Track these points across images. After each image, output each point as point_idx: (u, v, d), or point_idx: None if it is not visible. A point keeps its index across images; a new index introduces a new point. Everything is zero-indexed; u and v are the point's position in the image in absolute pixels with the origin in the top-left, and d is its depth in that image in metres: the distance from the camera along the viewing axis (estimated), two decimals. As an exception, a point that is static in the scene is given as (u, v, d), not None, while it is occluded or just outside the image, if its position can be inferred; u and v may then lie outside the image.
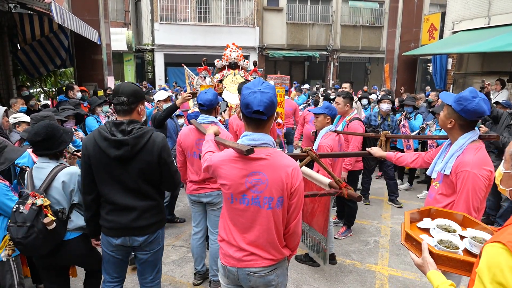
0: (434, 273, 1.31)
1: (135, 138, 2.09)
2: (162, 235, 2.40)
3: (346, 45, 19.56)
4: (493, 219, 4.74)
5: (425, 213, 1.75)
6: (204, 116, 3.06)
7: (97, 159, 2.12)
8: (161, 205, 2.35)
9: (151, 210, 2.25)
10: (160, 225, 2.34)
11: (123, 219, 2.21)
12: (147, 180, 2.20)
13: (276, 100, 1.73)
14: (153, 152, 2.15)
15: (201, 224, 3.31)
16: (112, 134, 2.10)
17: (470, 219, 1.66)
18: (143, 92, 2.30)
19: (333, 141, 3.51)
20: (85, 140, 2.22)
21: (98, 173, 2.16)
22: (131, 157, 2.11)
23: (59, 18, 4.71)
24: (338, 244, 4.22)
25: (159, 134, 2.24)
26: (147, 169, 2.16)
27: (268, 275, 1.79)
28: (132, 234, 2.24)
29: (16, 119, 3.83)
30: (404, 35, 11.37)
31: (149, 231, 2.27)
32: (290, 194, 1.72)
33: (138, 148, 2.10)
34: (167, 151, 2.22)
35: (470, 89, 2.04)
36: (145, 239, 2.26)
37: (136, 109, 2.20)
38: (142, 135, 2.12)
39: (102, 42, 8.48)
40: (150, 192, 2.24)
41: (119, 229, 2.23)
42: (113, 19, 16.05)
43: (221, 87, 4.90)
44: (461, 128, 2.07)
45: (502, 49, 7.09)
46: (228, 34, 16.69)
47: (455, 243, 1.47)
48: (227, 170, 1.76)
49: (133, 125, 2.14)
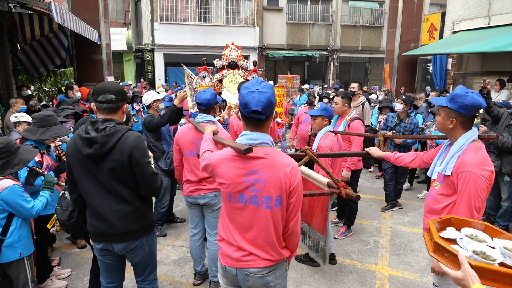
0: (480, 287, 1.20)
1: (105, 136, 2.02)
2: (149, 242, 2.27)
3: (346, 45, 19.56)
4: (493, 219, 4.73)
5: (446, 222, 1.63)
6: (202, 115, 3.06)
7: (74, 157, 2.10)
8: (142, 211, 2.19)
9: (129, 216, 2.13)
10: (142, 232, 2.22)
11: (100, 224, 2.14)
12: (122, 182, 2.09)
13: (275, 99, 1.73)
14: (124, 151, 2.04)
15: (199, 225, 3.30)
16: (86, 132, 2.07)
17: (492, 228, 1.55)
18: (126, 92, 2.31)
19: (332, 141, 3.51)
20: (69, 139, 2.24)
21: (76, 173, 2.13)
22: (102, 156, 2.03)
23: (59, 18, 4.71)
24: (338, 244, 4.22)
25: (134, 133, 2.12)
26: (119, 169, 2.05)
27: (266, 276, 1.78)
28: (111, 240, 2.17)
29: (17, 118, 3.84)
30: (404, 35, 11.35)
31: (128, 238, 2.16)
32: (289, 193, 1.72)
33: (108, 147, 2.02)
34: (140, 151, 2.08)
35: (460, 87, 2.07)
36: (124, 246, 2.17)
37: (122, 108, 2.19)
38: (114, 133, 2.04)
39: (102, 42, 8.47)
40: (127, 196, 2.12)
41: (99, 234, 2.18)
42: (113, 19, 16.04)
43: (220, 87, 4.89)
44: (463, 126, 2.07)
45: (502, 49, 7.10)
46: (228, 34, 16.69)
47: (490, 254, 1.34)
48: (225, 169, 1.76)
49: (108, 123, 2.08)
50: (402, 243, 4.32)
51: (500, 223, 4.52)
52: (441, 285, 2.19)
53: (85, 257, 3.90)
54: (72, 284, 3.43)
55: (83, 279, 3.48)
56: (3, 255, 2.48)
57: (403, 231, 4.66)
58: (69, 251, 4.02)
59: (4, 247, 2.48)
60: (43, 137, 3.10)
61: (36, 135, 3.08)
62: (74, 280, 3.50)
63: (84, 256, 3.91)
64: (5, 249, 2.48)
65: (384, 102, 6.83)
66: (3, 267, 2.51)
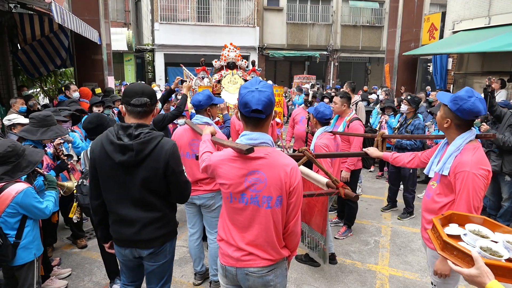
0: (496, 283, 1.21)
1: (141, 143, 1.94)
2: (171, 247, 2.23)
3: (346, 45, 19.55)
4: (493, 219, 4.73)
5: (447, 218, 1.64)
6: (198, 117, 3.08)
7: (102, 163, 2.01)
8: (168, 216, 2.15)
9: (155, 222, 2.08)
10: (167, 238, 2.17)
11: (126, 231, 2.08)
12: (153, 190, 2.03)
13: (274, 98, 1.73)
14: (160, 160, 1.97)
15: (197, 225, 3.31)
16: (118, 138, 1.97)
17: (491, 222, 1.57)
18: None
19: (329, 140, 3.51)
20: (92, 143, 2.14)
21: (103, 179, 2.05)
22: (136, 164, 1.96)
23: (59, 18, 4.71)
24: (338, 244, 4.22)
25: (169, 140, 2.05)
26: (153, 177, 1.99)
27: (266, 275, 1.79)
28: (137, 247, 2.12)
29: (11, 121, 3.77)
30: (404, 35, 11.35)
31: (154, 244, 2.11)
32: (289, 193, 1.72)
33: (144, 154, 1.94)
34: (176, 159, 2.04)
35: (466, 89, 2.04)
36: (150, 252, 2.13)
37: (153, 111, 2.10)
38: (150, 140, 1.96)
39: (102, 42, 8.48)
40: (155, 203, 2.06)
41: (124, 240, 2.12)
42: (113, 19, 16.05)
43: (219, 87, 4.89)
44: (458, 128, 2.07)
45: (502, 49, 7.09)
46: (228, 34, 16.69)
47: (496, 250, 1.35)
48: (226, 170, 1.76)
49: (142, 129, 1.98)
50: (403, 243, 4.32)
51: (500, 223, 4.51)
52: (439, 285, 2.19)
53: (85, 257, 3.90)
54: (72, 284, 3.43)
55: (83, 279, 3.48)
56: (18, 257, 2.46)
57: (403, 231, 4.66)
58: (69, 251, 4.02)
59: (19, 249, 2.46)
60: (44, 137, 3.09)
61: (36, 135, 3.07)
62: (74, 280, 3.50)
63: (84, 256, 3.91)
64: (20, 251, 2.46)
65: (386, 103, 6.82)
66: (13, 269, 2.49)
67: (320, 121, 3.62)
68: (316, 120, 3.66)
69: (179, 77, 4.33)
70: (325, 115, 3.58)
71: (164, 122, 4.00)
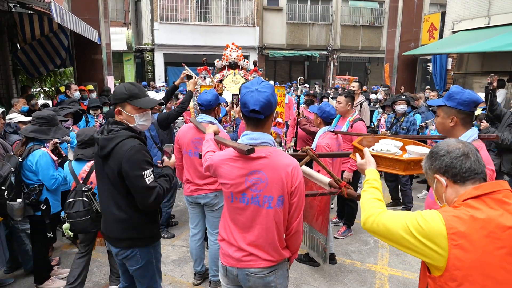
0: (371, 170, 1.65)
1: (104, 139, 1.99)
2: (144, 255, 2.13)
3: (346, 45, 19.55)
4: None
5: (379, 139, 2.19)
6: (202, 115, 3.09)
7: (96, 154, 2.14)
8: (135, 220, 2.06)
9: (120, 223, 2.05)
10: (134, 244, 2.09)
11: (103, 224, 2.18)
12: (118, 189, 2.01)
13: (275, 99, 1.72)
14: (116, 160, 1.95)
15: (199, 225, 3.31)
16: (101, 131, 2.09)
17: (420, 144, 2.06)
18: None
19: (331, 140, 3.52)
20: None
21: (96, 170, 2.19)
22: (104, 159, 2.00)
23: (59, 18, 4.70)
24: (338, 244, 4.22)
25: (131, 143, 1.97)
26: (113, 177, 1.98)
27: (267, 276, 1.78)
28: (106, 240, 2.21)
29: (12, 120, 3.77)
30: (404, 35, 11.36)
31: (119, 245, 2.10)
32: (291, 193, 1.72)
33: (106, 151, 1.97)
34: (132, 163, 1.93)
35: (455, 86, 2.12)
36: (118, 251, 2.12)
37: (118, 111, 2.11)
38: (112, 138, 1.97)
39: (102, 41, 8.47)
40: (120, 204, 2.03)
41: (103, 233, 2.21)
42: (113, 19, 16.03)
43: (221, 87, 4.89)
44: (463, 123, 2.07)
45: (502, 49, 7.10)
46: (228, 34, 16.68)
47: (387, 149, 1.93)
48: (227, 169, 1.76)
49: (115, 126, 2.03)
50: (402, 243, 4.31)
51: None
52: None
53: (85, 257, 3.90)
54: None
55: (84, 279, 3.47)
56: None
57: (403, 231, 4.65)
58: (69, 251, 4.02)
59: None
60: (57, 136, 3.18)
61: (49, 135, 3.14)
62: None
63: (84, 256, 3.91)
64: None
65: (387, 102, 6.80)
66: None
67: (325, 121, 3.64)
68: (320, 120, 3.66)
69: (185, 72, 4.32)
70: (330, 114, 3.63)
71: (168, 120, 4.00)
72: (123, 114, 2.05)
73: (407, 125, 5.09)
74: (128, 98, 2.03)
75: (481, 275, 1.15)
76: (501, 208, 1.18)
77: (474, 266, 1.15)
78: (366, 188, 1.53)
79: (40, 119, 3.14)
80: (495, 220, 1.16)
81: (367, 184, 1.55)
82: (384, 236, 1.30)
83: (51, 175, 3.07)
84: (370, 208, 1.38)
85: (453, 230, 1.16)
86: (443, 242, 1.16)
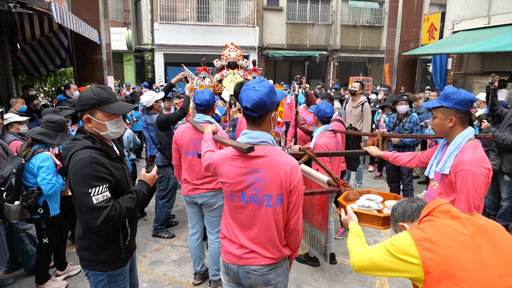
0: (354, 224, 1.86)
1: (64, 148, 1.83)
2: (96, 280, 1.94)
3: (346, 45, 19.55)
4: (493, 219, 4.73)
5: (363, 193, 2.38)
6: (200, 115, 3.08)
7: None
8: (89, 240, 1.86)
9: (79, 240, 1.91)
10: (87, 264, 1.92)
11: None
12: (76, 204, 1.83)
13: (271, 98, 1.70)
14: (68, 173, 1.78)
15: (198, 225, 3.31)
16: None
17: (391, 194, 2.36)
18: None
19: (329, 139, 3.53)
20: None
21: None
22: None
23: (59, 18, 4.70)
24: (338, 244, 4.22)
25: (80, 154, 1.74)
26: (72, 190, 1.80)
27: (267, 273, 1.79)
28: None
29: (7, 120, 3.75)
30: (404, 35, 11.36)
31: (80, 262, 1.97)
32: (289, 192, 1.72)
33: (67, 161, 1.80)
34: (77, 178, 1.71)
35: (449, 87, 2.14)
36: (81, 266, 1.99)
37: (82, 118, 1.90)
38: (69, 148, 1.79)
39: (102, 41, 8.47)
40: (81, 219, 1.87)
41: None
42: (113, 19, 16.05)
43: (220, 87, 4.89)
44: (461, 122, 2.09)
45: (502, 49, 7.09)
46: (228, 34, 16.68)
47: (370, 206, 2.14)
48: (227, 168, 1.77)
49: (79, 134, 1.85)
50: (402, 242, 4.31)
51: (499, 223, 4.51)
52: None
53: (85, 256, 3.90)
54: (72, 284, 3.43)
55: (83, 279, 3.47)
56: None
57: (403, 230, 4.65)
58: (69, 251, 4.01)
59: None
60: (64, 141, 3.12)
61: (56, 140, 3.13)
62: (74, 280, 3.50)
63: (84, 256, 3.91)
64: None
65: (386, 102, 6.80)
66: None
67: (321, 119, 3.64)
68: (317, 118, 3.68)
69: (183, 73, 4.41)
70: (326, 113, 3.61)
71: (168, 123, 4.01)
72: (93, 122, 1.83)
73: (410, 126, 5.08)
74: (98, 104, 1.80)
75: (456, 267, 1.27)
76: (447, 216, 1.42)
77: (445, 262, 1.29)
78: (351, 237, 1.74)
79: (50, 123, 3.14)
80: (447, 223, 1.39)
81: (351, 234, 1.77)
82: (372, 269, 1.48)
83: (50, 179, 3.03)
84: (355, 250, 1.61)
85: (418, 237, 1.36)
86: (413, 250, 1.34)
